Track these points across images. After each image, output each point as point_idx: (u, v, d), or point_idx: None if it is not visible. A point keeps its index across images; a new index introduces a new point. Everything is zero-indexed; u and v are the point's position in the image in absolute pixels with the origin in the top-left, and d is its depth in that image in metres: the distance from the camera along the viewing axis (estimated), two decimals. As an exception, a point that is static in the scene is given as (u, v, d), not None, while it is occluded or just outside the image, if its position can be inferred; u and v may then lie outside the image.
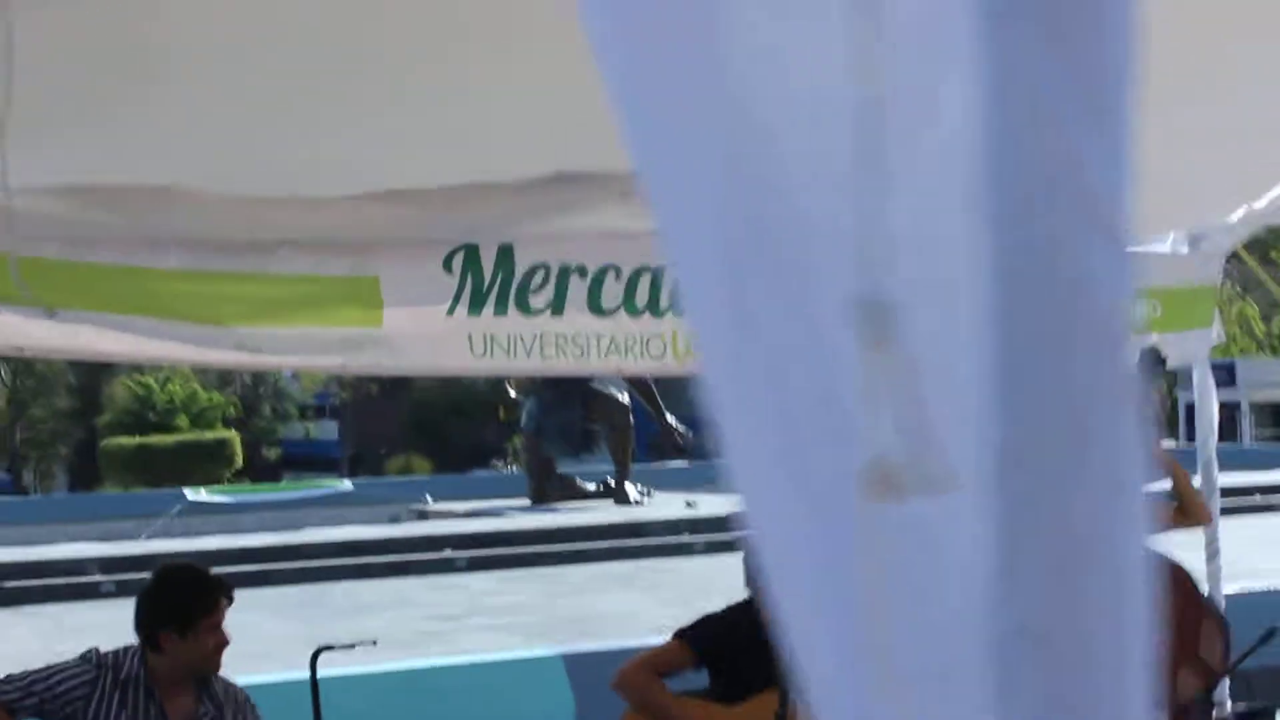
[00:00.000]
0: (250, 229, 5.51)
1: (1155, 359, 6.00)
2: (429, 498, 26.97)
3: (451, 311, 5.81)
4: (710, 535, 20.13)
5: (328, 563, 18.72)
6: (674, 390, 25.21)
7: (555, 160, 5.72)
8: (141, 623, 4.80)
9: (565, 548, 19.19)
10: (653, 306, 6.09)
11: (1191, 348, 7.10)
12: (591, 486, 24.44)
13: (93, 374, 61.60)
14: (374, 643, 5.18)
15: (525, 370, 6.18)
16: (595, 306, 6.02)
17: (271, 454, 62.51)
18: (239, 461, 50.61)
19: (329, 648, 4.83)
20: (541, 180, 5.78)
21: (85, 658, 4.77)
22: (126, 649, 4.80)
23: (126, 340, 5.37)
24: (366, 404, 63.70)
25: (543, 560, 18.26)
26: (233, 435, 52.32)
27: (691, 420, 25.49)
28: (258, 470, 54.76)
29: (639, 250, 6.07)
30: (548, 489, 23.92)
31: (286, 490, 30.13)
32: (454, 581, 17.74)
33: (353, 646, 4.91)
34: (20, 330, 5.18)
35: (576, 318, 6.00)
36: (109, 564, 18.24)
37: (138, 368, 60.34)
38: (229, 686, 4.96)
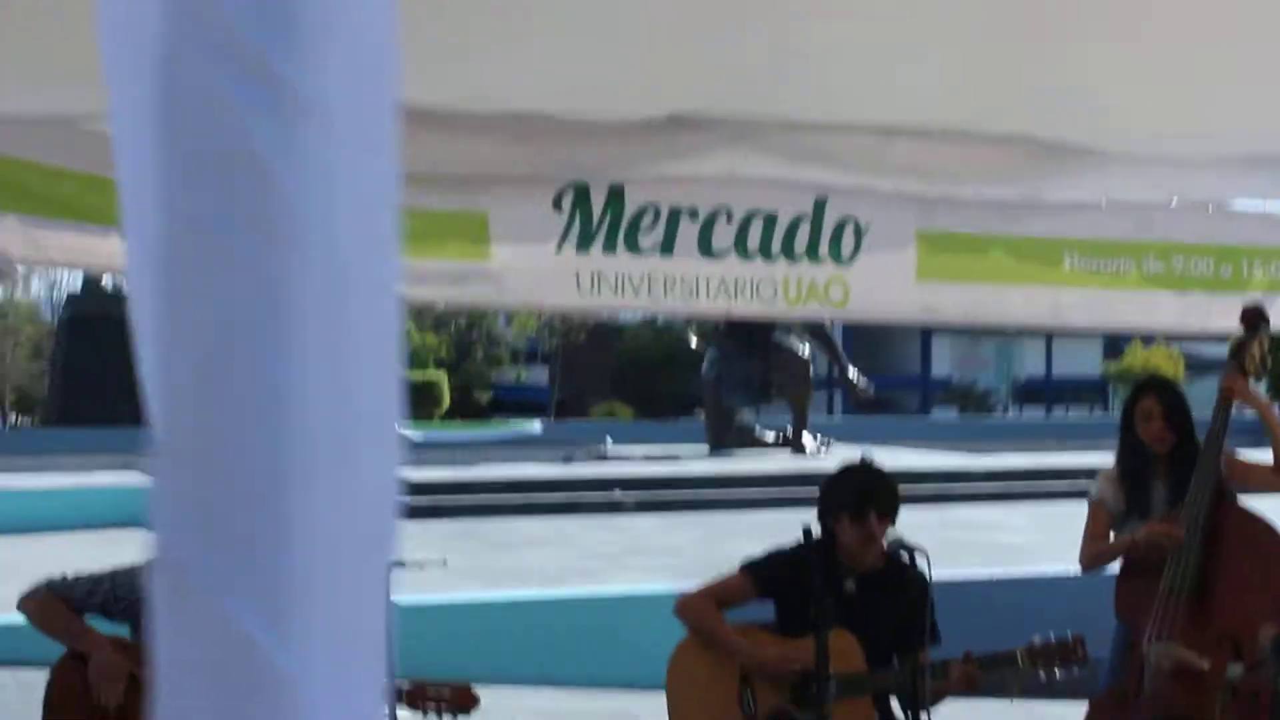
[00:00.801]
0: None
1: (1259, 317, 5.82)
2: (609, 440, 27.20)
3: (560, 249, 5.85)
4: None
5: (496, 499, 19.06)
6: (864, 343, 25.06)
7: (669, 103, 5.73)
8: None
9: (733, 494, 19.31)
10: (764, 250, 6.07)
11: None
12: (770, 436, 24.39)
13: (313, 313, 63.19)
14: (444, 561, 5.27)
15: (632, 307, 6.18)
16: (705, 248, 6.01)
17: (483, 397, 63.41)
18: (446, 402, 51.40)
19: (400, 564, 4.90)
20: (655, 122, 5.79)
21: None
22: None
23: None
24: (576, 351, 64.34)
25: (711, 506, 18.35)
26: (440, 376, 53.17)
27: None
28: (469, 411, 55.62)
29: (751, 194, 6.06)
30: (726, 437, 23.96)
31: (475, 429, 30.60)
32: (620, 523, 17.95)
33: (422, 566, 4.96)
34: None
35: (686, 259, 6.00)
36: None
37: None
38: None
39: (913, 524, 16.21)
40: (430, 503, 18.52)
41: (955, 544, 15.69)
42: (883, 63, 4.80)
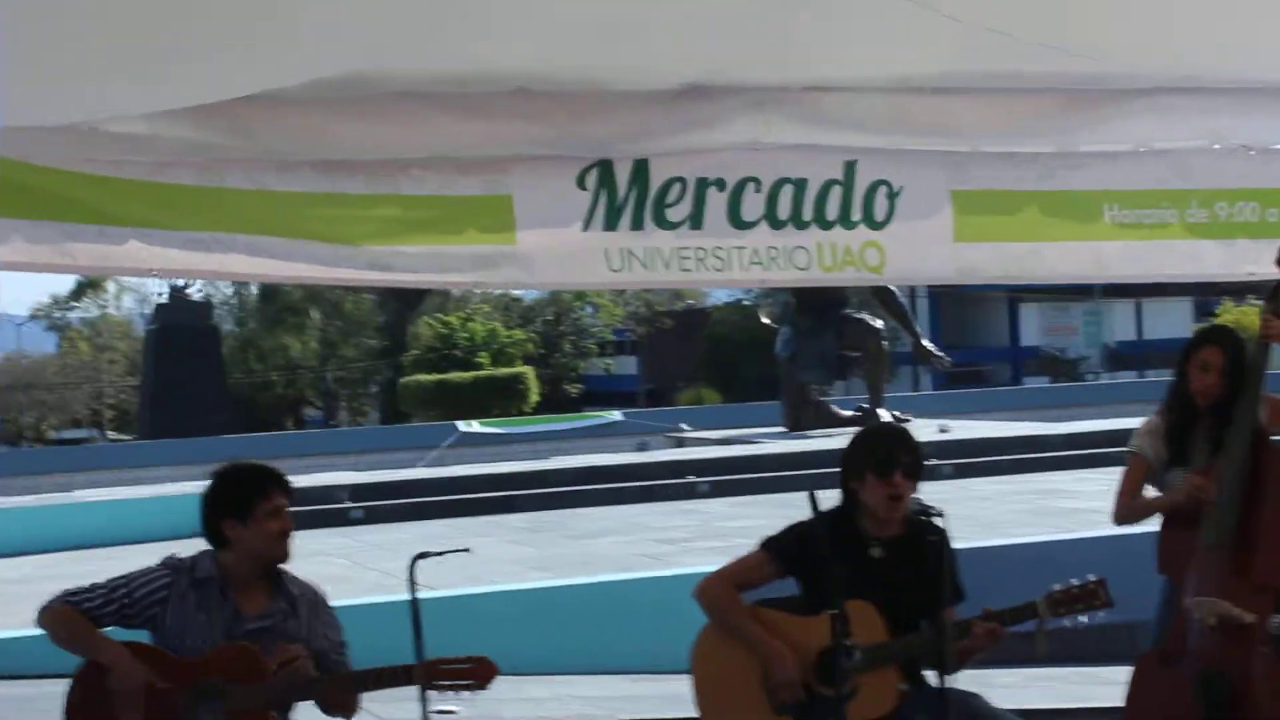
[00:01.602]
0: (381, 149, 5.60)
1: None
2: (685, 426, 27.22)
3: (587, 227, 5.81)
4: (959, 459, 19.93)
5: (572, 490, 19.08)
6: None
7: (688, 73, 5.68)
8: (205, 521, 4.96)
9: (808, 474, 19.02)
10: (796, 218, 6.00)
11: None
12: (847, 413, 24.28)
13: (400, 313, 63.70)
14: (467, 549, 5.26)
15: (663, 283, 6.15)
16: (735, 220, 5.95)
17: (573, 389, 63.64)
18: (534, 396, 51.59)
19: (425, 555, 4.91)
20: (674, 93, 5.74)
21: (164, 563, 4.94)
22: (202, 553, 4.96)
23: (259, 261, 5.53)
24: (663, 339, 64.41)
25: (786, 486, 18.19)
26: (528, 370, 53.37)
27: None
28: (559, 404, 55.79)
29: (779, 162, 5.99)
30: (803, 417, 23.87)
31: (555, 421, 30.78)
32: (695, 506, 17.88)
33: (442, 555, 4.97)
34: (154, 252, 5.38)
35: (716, 231, 5.95)
36: (358, 492, 18.88)
37: (441, 306, 62.21)
38: (304, 584, 5.08)
39: (992, 492, 16.19)
40: (506, 495, 18.63)
41: (1031, 510, 15.53)
42: (903, 16, 4.72)
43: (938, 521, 4.67)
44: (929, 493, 15.35)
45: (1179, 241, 6.35)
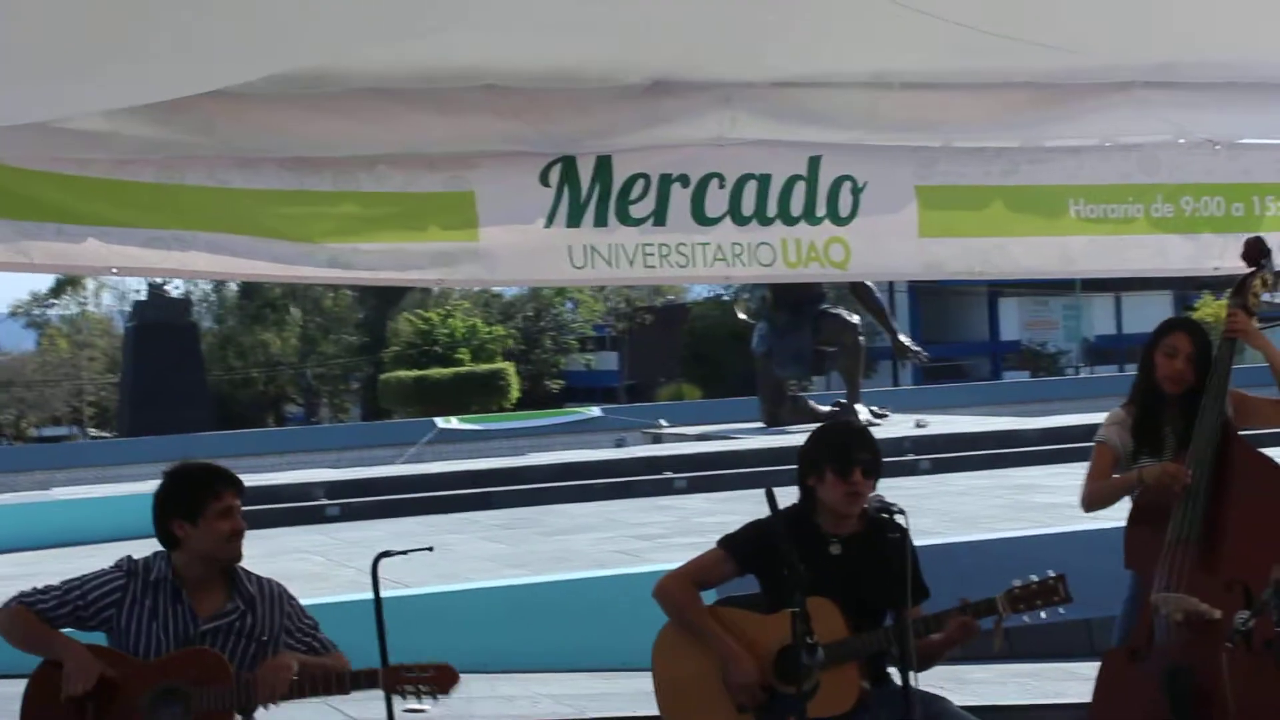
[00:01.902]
0: (346, 146, 5.58)
1: (1260, 251, 5.68)
2: (663, 422, 27.21)
3: (550, 224, 5.79)
4: (936, 454, 19.92)
5: (548, 486, 19.04)
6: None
7: (651, 69, 5.66)
8: (156, 522, 4.91)
9: (785, 470, 18.81)
10: (760, 214, 5.98)
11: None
12: (825, 408, 24.25)
13: (379, 309, 63.60)
14: (430, 548, 5.25)
15: (627, 280, 6.11)
16: (699, 216, 5.93)
17: (554, 385, 63.60)
18: (514, 392, 51.50)
19: (388, 554, 4.90)
20: (638, 90, 5.72)
21: (118, 565, 4.90)
22: (156, 554, 4.91)
23: (219, 259, 5.50)
24: (644, 335, 64.35)
25: (764, 481, 17.90)
26: (508, 367, 53.28)
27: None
28: (539, 400, 55.75)
29: (743, 158, 5.97)
30: (780, 412, 23.83)
31: (533, 418, 30.79)
32: (672, 503, 17.82)
33: (406, 553, 4.96)
34: (114, 250, 5.35)
35: (680, 227, 5.93)
36: (334, 489, 18.84)
37: (421, 303, 62.13)
38: (262, 580, 5.03)
39: (968, 487, 16.13)
40: (482, 492, 18.60)
41: (1007, 505, 15.53)
42: (876, 11, 4.69)
43: (899, 519, 4.64)
44: (906, 487, 15.55)
45: (1145, 236, 6.36)
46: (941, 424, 23.29)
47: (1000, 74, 5.87)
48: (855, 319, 24.37)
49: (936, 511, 14.37)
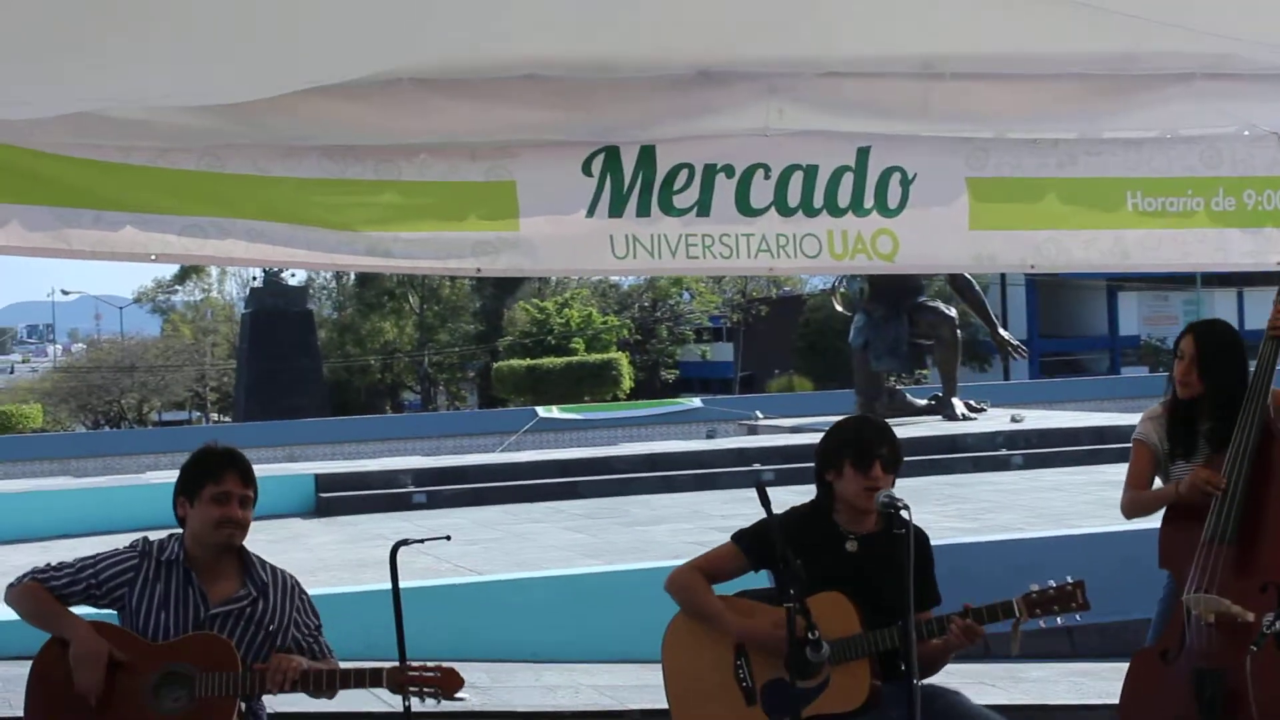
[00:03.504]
0: (388, 135, 5.60)
1: None
2: (758, 413, 27.10)
3: (591, 213, 5.77)
4: (1029, 450, 19.67)
5: (636, 476, 19.05)
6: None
7: (697, 57, 5.61)
8: (173, 499, 4.99)
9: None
10: (806, 206, 5.92)
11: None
12: (922, 402, 24.05)
13: (496, 299, 64.04)
14: (447, 538, 5.28)
15: (670, 270, 6.08)
16: (744, 207, 5.88)
17: (669, 375, 63.74)
18: (627, 382, 51.63)
19: (405, 542, 4.92)
20: (685, 79, 5.68)
21: (133, 545, 4.96)
22: (171, 535, 4.97)
23: (257, 247, 5.55)
24: (759, 326, 64.29)
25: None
26: (620, 357, 53.43)
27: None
28: (653, 391, 55.87)
29: (789, 148, 5.91)
30: (876, 405, 23.64)
31: (634, 408, 30.81)
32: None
33: (422, 541, 4.99)
34: (152, 238, 5.41)
35: (724, 217, 5.89)
36: (420, 476, 18.94)
37: (538, 292, 62.47)
38: (277, 570, 5.07)
39: (1060, 482, 15.86)
40: (569, 482, 18.65)
41: (1094, 501, 15.28)
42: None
43: (904, 515, 4.57)
44: (993, 482, 15.35)
45: (1205, 230, 6.22)
46: (1039, 419, 23.00)
47: (1055, 64, 5.75)
48: (953, 312, 24.17)
49: (1023, 507, 14.19)
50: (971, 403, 23.73)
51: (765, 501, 4.71)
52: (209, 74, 4.87)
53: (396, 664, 4.79)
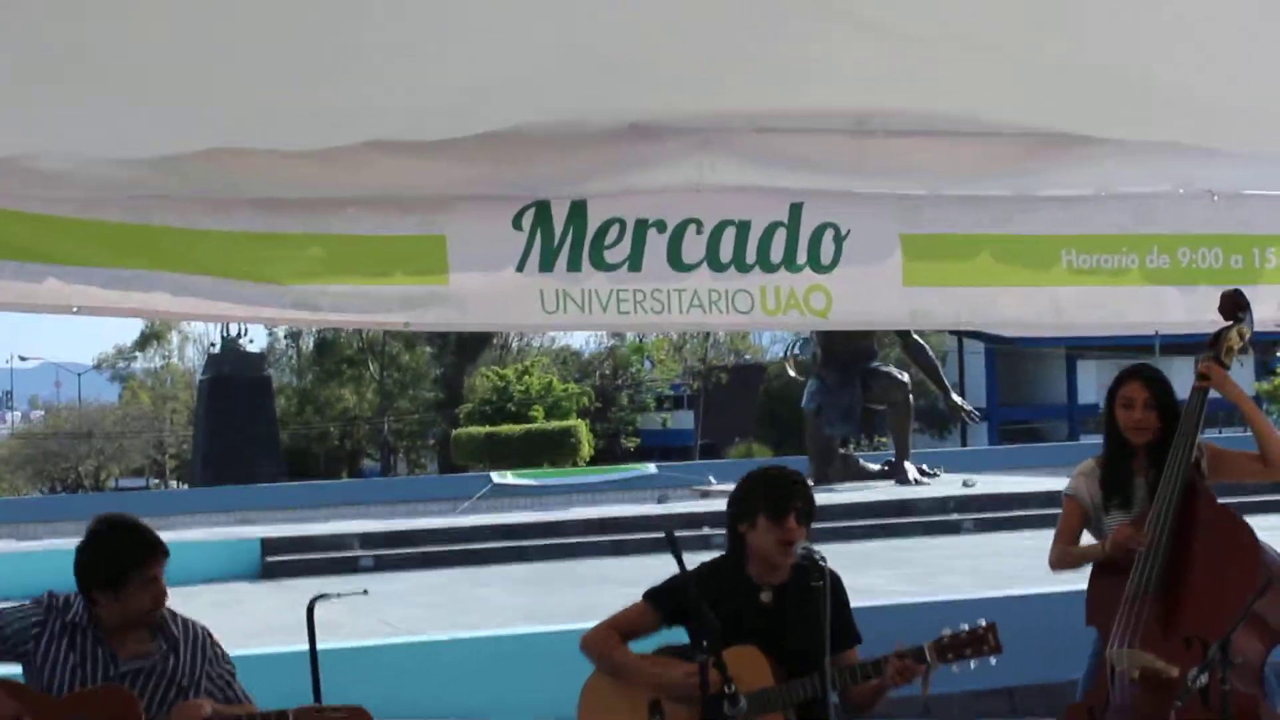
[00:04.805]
0: (319, 188, 5.55)
1: (1236, 304, 5.55)
2: (711, 479, 27.11)
3: (521, 268, 5.74)
4: (980, 514, 19.70)
5: (584, 540, 18.99)
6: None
7: (628, 112, 5.59)
8: (77, 578, 4.82)
9: (829, 526, 18.87)
10: (739, 262, 5.89)
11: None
12: (874, 467, 24.10)
13: (457, 366, 63.98)
14: (364, 592, 5.21)
15: (600, 326, 6.08)
16: (675, 262, 5.85)
17: (629, 443, 63.65)
18: (585, 449, 51.51)
19: (323, 597, 4.86)
20: (615, 133, 5.66)
21: (38, 600, 4.83)
22: (77, 595, 4.83)
23: (183, 300, 5.48)
24: (719, 394, 64.32)
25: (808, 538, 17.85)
26: (579, 424, 53.32)
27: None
28: (614, 458, 55.72)
29: (722, 203, 5.88)
30: (829, 470, 23.68)
31: (588, 473, 30.80)
32: (708, 558, 17.53)
33: (339, 596, 4.92)
34: (75, 290, 5.35)
35: (655, 273, 5.86)
36: (368, 540, 18.84)
37: (499, 359, 62.43)
38: (187, 622, 4.94)
39: (1007, 547, 15.82)
40: (516, 545, 18.59)
41: (1038, 566, 15.25)
42: (861, 50, 4.60)
43: (823, 565, 4.53)
44: (936, 546, 15.28)
45: (1139, 288, 6.22)
46: (991, 484, 23.06)
47: (988, 122, 5.75)
48: (905, 377, 24.27)
49: (973, 570, 14.15)
50: (924, 468, 23.78)
51: (676, 553, 4.66)
52: (136, 125, 4.81)
53: (304, 706, 4.70)
